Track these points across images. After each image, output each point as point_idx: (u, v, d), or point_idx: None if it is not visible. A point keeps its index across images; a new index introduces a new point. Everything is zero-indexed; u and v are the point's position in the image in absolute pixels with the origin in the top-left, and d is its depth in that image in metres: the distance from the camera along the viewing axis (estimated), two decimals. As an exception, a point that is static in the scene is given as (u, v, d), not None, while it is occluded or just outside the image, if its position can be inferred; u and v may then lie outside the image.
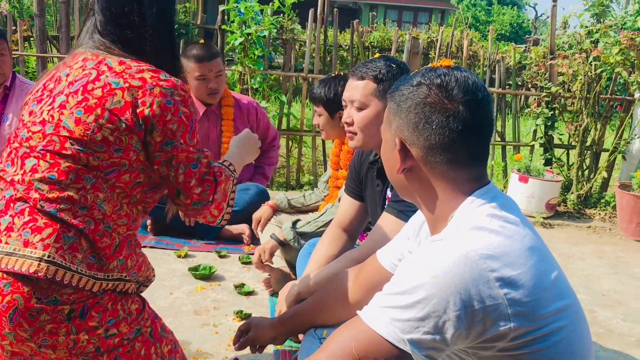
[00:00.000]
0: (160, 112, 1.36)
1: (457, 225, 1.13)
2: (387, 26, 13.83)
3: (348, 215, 2.33)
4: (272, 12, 4.78)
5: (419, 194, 1.23)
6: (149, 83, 1.36)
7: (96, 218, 1.36)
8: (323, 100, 2.81)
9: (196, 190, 1.44)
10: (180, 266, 3.02)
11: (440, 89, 1.16)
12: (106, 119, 1.33)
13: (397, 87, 1.25)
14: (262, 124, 3.72)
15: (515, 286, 1.02)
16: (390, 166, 1.26)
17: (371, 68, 2.02)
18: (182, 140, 1.40)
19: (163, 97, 1.37)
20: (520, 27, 30.64)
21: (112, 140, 1.34)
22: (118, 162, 1.37)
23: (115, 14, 1.45)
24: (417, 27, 20.02)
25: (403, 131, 1.19)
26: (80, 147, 1.33)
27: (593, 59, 4.50)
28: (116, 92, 1.35)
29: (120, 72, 1.37)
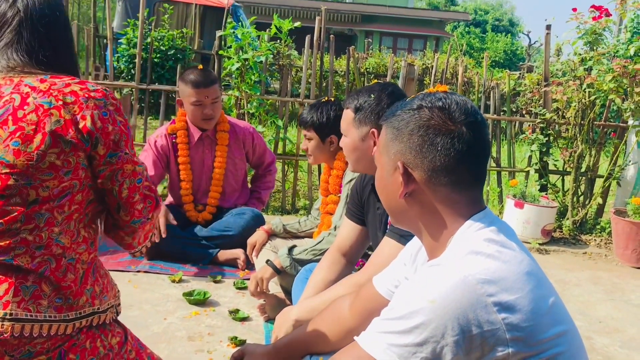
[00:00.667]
0: (102, 124, 1.31)
1: (454, 250, 1.13)
2: (382, 52, 13.97)
3: (349, 239, 2.32)
4: (268, 38, 4.82)
5: (419, 218, 1.23)
6: (81, 96, 1.30)
7: (56, 254, 1.31)
8: (315, 125, 2.85)
9: (138, 206, 1.39)
10: (174, 291, 2.99)
11: (442, 112, 1.17)
12: (49, 143, 1.25)
13: (393, 113, 1.25)
14: (259, 149, 3.73)
15: (513, 311, 1.02)
16: (389, 192, 1.25)
17: (353, 97, 2.17)
18: (126, 150, 1.36)
19: (98, 108, 1.31)
20: (514, 54, 31.01)
21: (59, 164, 1.27)
22: (69, 185, 1.30)
23: (41, 28, 1.39)
24: (412, 53, 20.23)
25: (405, 155, 1.19)
26: (25, 181, 1.25)
27: (587, 86, 4.55)
28: (52, 112, 1.27)
29: (47, 90, 1.29)
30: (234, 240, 3.40)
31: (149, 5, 9.38)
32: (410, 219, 1.25)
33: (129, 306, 2.76)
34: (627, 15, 4.69)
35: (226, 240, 3.41)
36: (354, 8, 23.01)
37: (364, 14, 22.36)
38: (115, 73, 8.53)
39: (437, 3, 39.27)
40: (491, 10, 38.59)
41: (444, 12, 27.73)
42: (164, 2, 10.52)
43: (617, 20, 5.29)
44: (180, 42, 9.48)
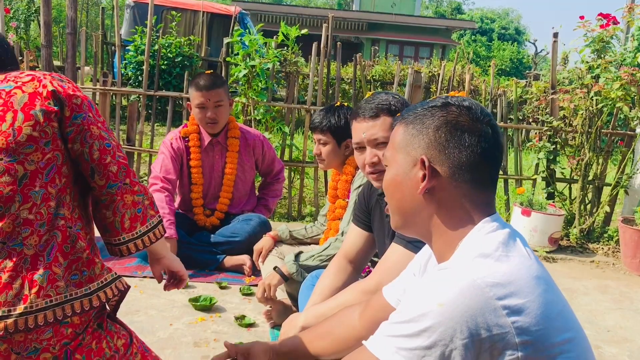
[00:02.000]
0: (63, 89, 1.36)
1: (464, 253, 1.12)
2: (388, 60, 13.99)
3: (355, 246, 2.31)
4: (275, 45, 4.84)
5: (434, 217, 1.21)
6: (38, 75, 1.37)
7: (60, 226, 1.33)
8: (332, 128, 2.82)
9: (112, 168, 1.39)
10: (180, 297, 2.99)
11: (469, 110, 1.19)
12: (21, 118, 1.31)
13: (412, 112, 1.25)
14: (268, 157, 3.73)
15: (522, 314, 1.01)
16: (405, 189, 1.22)
17: (380, 103, 2.04)
18: (90, 114, 1.38)
19: (58, 80, 1.37)
20: (521, 62, 30.99)
21: (37, 135, 1.31)
22: (52, 157, 1.33)
23: None
24: (418, 61, 20.26)
25: (430, 150, 1.18)
26: (10, 158, 1.29)
27: (594, 94, 4.54)
28: (14, 92, 1.33)
29: (3, 79, 1.37)
30: (241, 246, 3.40)
31: (157, 12, 9.44)
32: (421, 221, 1.23)
33: (135, 311, 2.76)
34: (634, 23, 4.68)
35: (233, 246, 3.41)
36: (361, 16, 23.08)
37: (371, 22, 22.42)
38: (123, 80, 8.58)
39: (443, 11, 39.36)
40: (497, 18, 38.63)
41: (450, 21, 27.77)
42: (172, 10, 10.59)
43: (625, 28, 5.27)
44: (187, 50, 9.52)
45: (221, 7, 12.45)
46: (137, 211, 1.45)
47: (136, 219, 1.44)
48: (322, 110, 2.91)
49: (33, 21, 10.12)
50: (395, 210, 1.29)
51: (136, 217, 1.44)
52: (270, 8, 23.39)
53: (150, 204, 1.49)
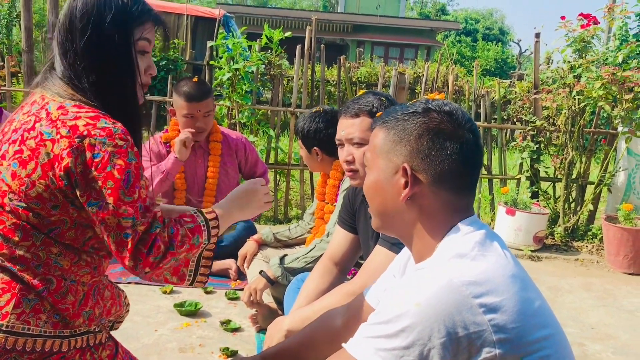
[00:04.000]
0: (83, 168, 1.21)
1: (441, 254, 1.14)
2: (373, 62, 14.02)
3: (340, 248, 2.31)
4: (259, 48, 4.83)
5: (414, 223, 1.22)
6: (78, 133, 1.21)
7: (56, 275, 1.29)
8: (301, 135, 2.85)
9: (129, 263, 1.24)
10: (165, 302, 2.97)
11: (450, 116, 1.19)
12: (38, 174, 1.23)
13: (392, 116, 1.24)
14: (251, 160, 3.72)
15: (499, 312, 1.02)
16: (386, 195, 1.23)
17: (363, 104, 2.05)
18: (109, 200, 1.21)
19: (91, 150, 1.20)
20: (505, 62, 31.18)
21: (46, 197, 1.24)
22: (57, 220, 1.27)
23: (62, 46, 1.32)
24: (403, 62, 20.33)
25: (412, 158, 1.18)
26: (18, 204, 1.25)
27: (576, 93, 4.58)
28: (46, 143, 1.23)
29: (55, 119, 1.24)
30: (226, 251, 3.38)
31: (140, 16, 9.36)
32: (402, 224, 1.24)
33: (120, 318, 2.73)
34: (615, 23, 4.73)
35: (218, 250, 3.36)
36: (346, 18, 23.09)
37: (356, 23, 22.46)
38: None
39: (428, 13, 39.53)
40: (482, 19, 38.86)
41: (435, 22, 27.86)
42: (156, 13, 10.51)
43: (606, 28, 5.33)
44: (172, 53, 9.49)
45: (205, 10, 12.42)
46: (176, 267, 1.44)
47: (177, 271, 1.44)
48: (304, 115, 2.92)
49: (15, 26, 10.02)
50: (376, 213, 1.29)
51: (176, 269, 1.43)
52: (254, 11, 23.34)
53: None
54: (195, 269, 1.46)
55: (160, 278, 1.38)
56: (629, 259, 4.19)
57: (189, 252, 1.34)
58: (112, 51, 1.31)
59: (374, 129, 1.30)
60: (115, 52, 1.31)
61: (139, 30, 1.35)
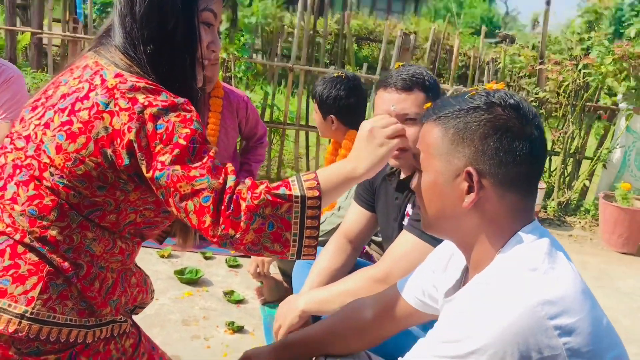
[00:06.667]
0: (147, 142, 1.09)
1: (507, 266, 1.04)
2: (361, 13, 13.68)
3: (357, 225, 2.20)
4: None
5: (475, 229, 1.12)
6: (138, 104, 1.10)
7: (85, 260, 1.17)
8: (317, 100, 2.71)
9: (212, 231, 1.09)
10: (164, 267, 2.85)
11: (517, 112, 1.06)
12: (90, 150, 1.10)
13: (448, 110, 1.12)
14: (252, 120, 3.55)
15: (573, 335, 0.95)
16: (446, 200, 1.12)
17: (415, 75, 1.85)
18: (177, 167, 1.08)
19: (153, 121, 1.09)
20: (491, 21, 30.83)
21: (94, 175, 1.12)
22: (101, 201, 1.15)
23: (123, 14, 1.18)
24: (391, 14, 19.94)
25: (476, 160, 1.06)
26: (59, 180, 1.12)
27: (583, 66, 4.48)
28: (104, 115, 1.10)
29: (112, 87, 1.12)
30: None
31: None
32: (461, 230, 1.14)
33: (118, 284, 2.61)
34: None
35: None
36: (333, -35, 22.44)
37: (343, -29, 21.87)
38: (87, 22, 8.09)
39: (415, -36, 38.64)
40: (469, -26, 38.17)
41: (422, -26, 27.24)
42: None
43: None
44: None
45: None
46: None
47: (279, 237, 1.14)
48: (322, 78, 2.77)
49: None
50: (430, 216, 1.18)
51: (276, 235, 1.14)
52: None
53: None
54: (300, 234, 1.16)
55: (259, 247, 1.12)
56: (624, 239, 4.20)
57: (277, 208, 1.11)
58: (173, 19, 1.17)
59: (425, 123, 1.17)
60: (177, 20, 1.18)
61: (205, 0, 1.23)
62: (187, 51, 1.21)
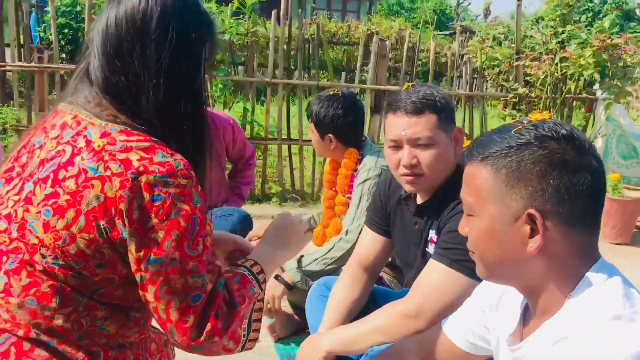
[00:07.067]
0: (140, 214, 0.96)
1: (585, 314, 0.95)
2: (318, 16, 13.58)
3: (371, 252, 2.10)
4: (231, 14, 4.45)
5: (543, 273, 1.03)
6: (132, 169, 0.96)
7: (101, 344, 1.05)
8: (314, 119, 2.60)
9: (192, 333, 1.00)
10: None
11: (572, 142, 0.98)
12: (80, 225, 0.96)
13: (496, 147, 1.02)
14: (239, 142, 3.42)
15: None
16: (506, 245, 1.03)
17: (425, 97, 1.76)
18: (175, 255, 0.97)
19: (149, 191, 0.96)
20: (444, 13, 31.14)
21: (89, 254, 0.98)
22: (103, 279, 1.01)
23: (113, 53, 1.03)
24: (347, 15, 19.93)
25: (536, 201, 0.98)
26: (53, 261, 0.98)
27: (560, 60, 4.48)
28: (93, 182, 0.96)
29: (100, 149, 0.97)
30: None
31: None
32: (524, 276, 1.06)
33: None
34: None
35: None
36: (285, -33, 22.33)
37: (295, -27, 21.74)
38: (44, 45, 7.78)
39: (365, -39, 38.82)
40: (419, -32, 38.53)
41: (374, -29, 27.36)
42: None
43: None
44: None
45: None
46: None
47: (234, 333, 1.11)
48: (317, 96, 2.67)
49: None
50: (489, 264, 1.09)
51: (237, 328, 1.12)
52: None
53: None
54: (248, 327, 1.19)
55: (219, 348, 1.09)
56: (617, 230, 4.21)
57: (247, 307, 1.13)
58: (191, 68, 1.07)
59: (469, 164, 1.07)
60: (193, 70, 1.07)
61: (209, 48, 1.11)
62: (200, 104, 1.10)
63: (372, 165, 2.52)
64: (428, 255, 1.86)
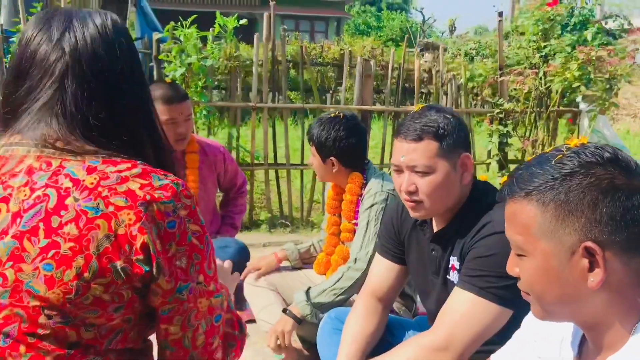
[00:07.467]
0: (162, 245, 0.90)
1: None
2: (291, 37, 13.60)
3: (385, 281, 2.02)
4: (212, 38, 4.36)
5: (605, 307, 0.96)
6: (140, 199, 0.89)
7: None
8: (315, 143, 2.51)
9: (217, 355, 1.00)
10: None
11: (618, 164, 0.93)
12: (94, 271, 0.87)
13: (538, 181, 0.96)
14: (231, 170, 3.31)
15: None
16: (567, 283, 0.96)
17: (427, 123, 1.70)
18: (200, 278, 0.95)
19: (164, 217, 0.91)
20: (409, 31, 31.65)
21: (108, 299, 0.89)
22: (120, 322, 0.93)
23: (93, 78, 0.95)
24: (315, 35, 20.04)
25: (592, 232, 0.91)
26: (62, 320, 0.88)
27: (543, 74, 4.50)
28: (98, 222, 0.87)
29: (94, 186, 0.89)
30: (219, 278, 2.99)
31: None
32: (586, 312, 0.99)
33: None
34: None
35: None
36: (252, -9, 22.38)
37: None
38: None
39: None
40: (383, -12, 39.12)
41: (340, -8, 27.67)
42: (59, -6, 9.55)
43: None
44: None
45: (111, -11, 11.45)
46: None
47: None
48: (317, 119, 2.59)
49: None
50: (549, 305, 1.02)
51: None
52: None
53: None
54: None
55: None
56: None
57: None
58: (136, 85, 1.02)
59: (511, 200, 1.00)
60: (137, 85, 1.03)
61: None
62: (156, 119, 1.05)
63: (378, 190, 2.44)
64: (450, 283, 1.79)
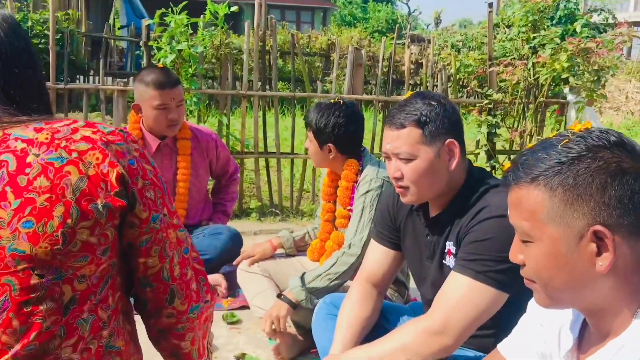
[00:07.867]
0: (130, 178, 0.95)
1: None
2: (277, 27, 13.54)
3: (380, 267, 2.03)
4: (204, 25, 4.33)
5: (612, 291, 0.97)
6: (99, 140, 0.94)
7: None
8: (313, 128, 2.51)
9: (193, 285, 1.04)
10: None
11: (624, 148, 0.94)
12: (76, 215, 0.89)
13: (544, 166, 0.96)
14: (223, 158, 3.30)
15: None
16: (575, 268, 0.96)
17: (410, 112, 1.73)
18: (165, 211, 1.01)
19: (123, 156, 0.95)
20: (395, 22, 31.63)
21: (94, 241, 0.91)
22: (107, 267, 0.95)
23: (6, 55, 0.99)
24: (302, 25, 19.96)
25: (600, 216, 0.92)
26: (54, 275, 0.89)
27: (532, 65, 4.53)
28: (68, 170, 0.90)
29: (50, 140, 0.91)
30: (211, 265, 2.96)
31: (28, -16, 8.34)
32: (592, 297, 0.99)
33: None
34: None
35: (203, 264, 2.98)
36: (237, -20, 22.21)
37: (248, -14, 21.67)
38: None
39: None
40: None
41: (327, -17, 27.58)
42: (43, -20, 9.41)
43: None
44: (65, 25, 8.52)
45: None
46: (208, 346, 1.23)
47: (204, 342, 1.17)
48: (316, 104, 2.59)
49: None
50: (557, 291, 1.01)
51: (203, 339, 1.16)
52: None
53: None
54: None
55: (208, 321, 1.15)
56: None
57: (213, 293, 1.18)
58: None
59: (515, 186, 1.01)
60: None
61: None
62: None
63: (374, 177, 2.45)
64: (446, 268, 1.80)
